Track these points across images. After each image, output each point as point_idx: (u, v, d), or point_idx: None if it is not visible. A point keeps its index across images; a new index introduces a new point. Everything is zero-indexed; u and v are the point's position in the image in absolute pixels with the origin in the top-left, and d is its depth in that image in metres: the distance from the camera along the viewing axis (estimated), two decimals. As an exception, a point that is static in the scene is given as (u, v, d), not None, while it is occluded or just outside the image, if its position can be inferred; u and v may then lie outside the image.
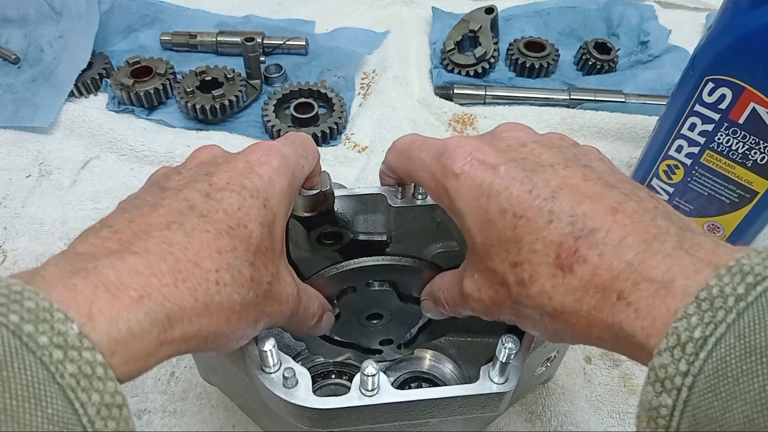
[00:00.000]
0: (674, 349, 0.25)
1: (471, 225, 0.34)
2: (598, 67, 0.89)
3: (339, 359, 0.55)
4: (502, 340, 0.37)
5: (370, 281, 0.46)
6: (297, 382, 0.37)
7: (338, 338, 0.51)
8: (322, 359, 0.55)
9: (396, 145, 0.42)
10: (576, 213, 0.31)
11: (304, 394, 0.37)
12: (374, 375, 0.36)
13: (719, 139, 0.59)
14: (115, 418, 0.24)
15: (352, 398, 0.37)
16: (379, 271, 0.45)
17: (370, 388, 0.37)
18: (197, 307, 0.29)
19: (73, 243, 0.30)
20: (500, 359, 0.37)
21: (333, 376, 0.54)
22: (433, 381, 0.54)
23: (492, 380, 0.38)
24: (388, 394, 0.37)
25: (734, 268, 0.25)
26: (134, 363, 0.27)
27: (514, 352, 0.37)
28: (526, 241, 0.31)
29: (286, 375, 0.37)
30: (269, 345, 0.36)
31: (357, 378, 0.37)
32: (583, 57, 0.90)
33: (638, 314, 0.28)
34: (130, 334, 0.26)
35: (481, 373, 0.38)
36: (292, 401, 0.36)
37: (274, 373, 0.37)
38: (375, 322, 0.49)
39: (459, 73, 0.88)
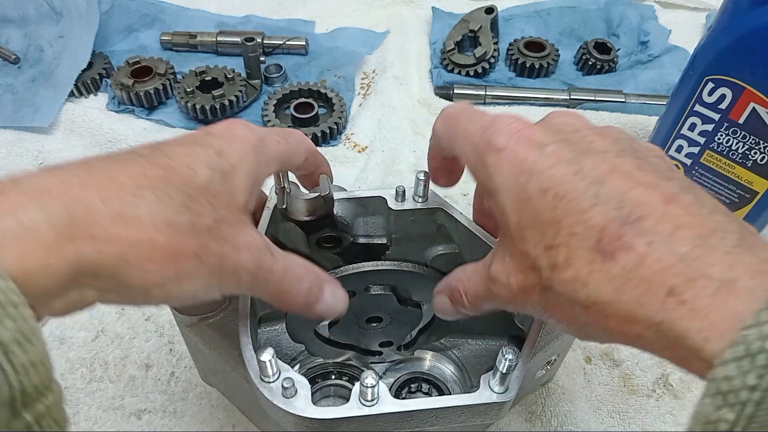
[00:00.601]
0: (742, 360, 0.22)
1: (507, 203, 0.32)
2: (598, 67, 0.89)
3: (339, 359, 0.55)
4: (502, 351, 0.37)
5: (369, 285, 0.46)
6: (296, 391, 0.37)
7: (338, 340, 0.51)
8: (322, 360, 0.55)
9: (445, 112, 0.39)
10: (624, 198, 0.28)
11: (303, 404, 0.37)
12: (374, 386, 0.36)
13: (719, 139, 0.59)
14: (11, 317, 0.22)
15: (352, 408, 0.37)
16: (378, 276, 0.45)
17: (369, 398, 0.37)
18: (108, 212, 0.26)
19: None
20: (501, 370, 0.37)
21: (333, 377, 0.54)
22: (433, 382, 0.54)
23: (492, 389, 0.38)
24: (388, 404, 0.37)
25: None
26: (30, 259, 0.24)
27: (514, 363, 0.37)
28: (565, 223, 0.29)
29: (285, 385, 0.37)
30: (268, 355, 0.36)
31: (356, 388, 0.37)
32: (583, 57, 0.90)
33: (694, 314, 0.24)
34: (19, 226, 0.23)
35: (481, 382, 0.38)
36: (291, 411, 0.36)
37: (273, 382, 0.37)
38: (374, 324, 0.50)
39: (459, 73, 0.88)
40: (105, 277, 0.27)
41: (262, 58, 0.87)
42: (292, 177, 0.44)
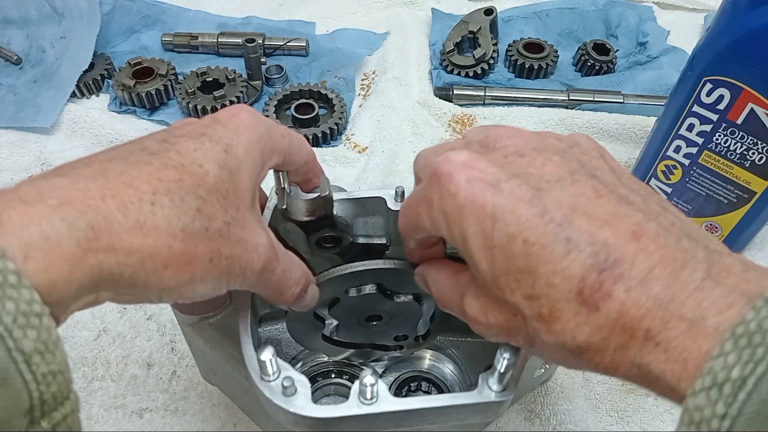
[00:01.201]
0: (710, 390, 0.23)
1: (474, 251, 0.31)
2: (597, 68, 0.90)
3: (338, 358, 0.55)
4: (500, 351, 0.37)
5: (348, 289, 0.46)
6: (296, 390, 0.37)
7: (351, 341, 0.51)
8: (322, 360, 0.55)
9: (401, 209, 0.39)
10: (596, 241, 0.28)
11: (303, 403, 0.37)
12: (373, 384, 0.37)
13: (717, 139, 0.59)
14: (35, 327, 0.23)
15: (351, 407, 0.37)
16: (355, 278, 0.45)
17: (368, 397, 0.37)
18: (127, 223, 0.27)
19: None
20: (499, 369, 0.37)
21: (333, 376, 0.54)
22: (432, 381, 0.54)
23: (491, 389, 0.38)
24: (387, 402, 0.37)
25: None
26: (54, 271, 0.24)
27: (512, 362, 0.37)
28: (541, 272, 0.29)
29: (285, 384, 0.37)
30: (268, 354, 0.37)
31: (356, 386, 0.38)
32: (582, 58, 0.91)
33: (668, 356, 0.26)
34: (43, 238, 0.24)
35: (479, 381, 0.38)
36: (291, 410, 0.37)
37: (273, 381, 0.38)
38: (375, 323, 0.50)
39: (458, 74, 0.88)
40: (123, 283, 0.28)
41: (263, 59, 0.87)
42: (292, 177, 0.44)
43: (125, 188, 0.28)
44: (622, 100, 0.83)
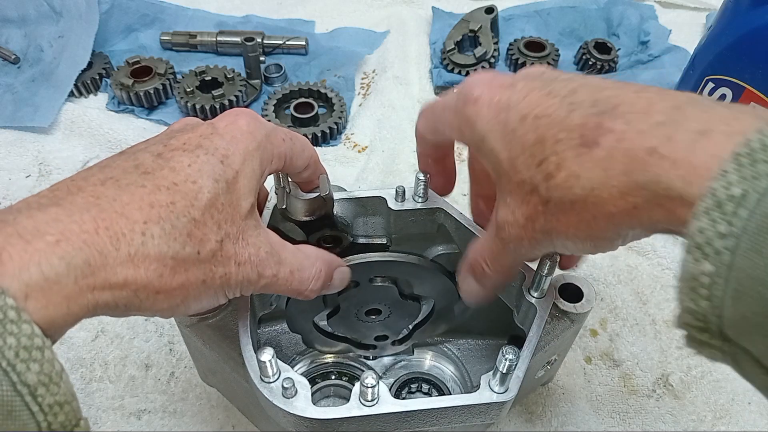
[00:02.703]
0: (712, 211, 0.23)
1: (494, 143, 0.34)
2: (599, 66, 0.89)
3: (338, 360, 0.55)
4: (503, 351, 0.37)
5: (374, 277, 0.46)
6: (296, 392, 0.37)
7: (335, 332, 0.51)
8: (322, 361, 0.55)
9: (421, 110, 0.42)
10: (598, 98, 0.30)
11: (303, 404, 0.37)
12: (374, 386, 0.36)
13: (719, 139, 0.59)
14: (37, 360, 0.24)
15: (352, 408, 0.37)
16: (382, 267, 0.45)
17: (369, 398, 0.37)
18: (119, 256, 0.28)
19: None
20: (501, 370, 0.37)
21: (333, 377, 0.54)
22: (433, 382, 0.54)
23: (492, 390, 0.38)
24: (388, 404, 0.37)
25: None
26: (54, 308, 0.26)
27: (515, 363, 0.37)
28: (549, 135, 0.30)
29: (285, 385, 0.37)
30: (268, 355, 0.36)
31: (356, 388, 0.37)
32: (584, 57, 0.90)
33: (675, 164, 0.25)
34: (43, 278, 0.25)
35: (481, 382, 0.38)
36: (291, 411, 0.36)
37: (273, 382, 0.37)
38: (373, 317, 0.50)
39: (459, 72, 0.88)
40: (118, 310, 0.30)
41: (261, 58, 0.87)
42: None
43: (117, 218, 0.29)
44: (623, 100, 0.83)
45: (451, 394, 0.53)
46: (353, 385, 0.38)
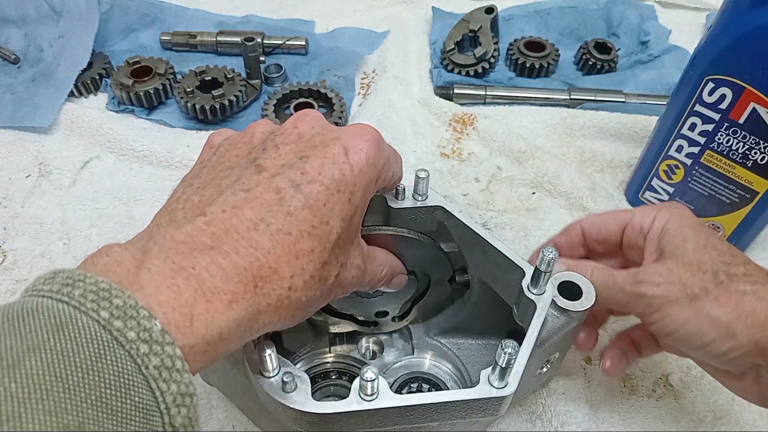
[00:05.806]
0: None
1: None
2: (599, 66, 0.89)
3: (338, 360, 0.55)
4: (502, 345, 0.36)
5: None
6: (296, 386, 0.37)
7: (337, 309, 0.51)
8: (322, 360, 0.55)
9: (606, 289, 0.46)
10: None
11: (303, 399, 0.37)
12: (374, 380, 0.36)
13: (719, 139, 0.59)
14: (186, 406, 0.27)
15: (352, 403, 0.37)
16: (377, 241, 0.45)
17: (369, 392, 0.37)
18: (269, 309, 0.32)
19: (166, 221, 0.32)
20: (500, 364, 0.37)
21: (333, 377, 0.54)
22: (432, 382, 0.54)
23: (492, 384, 0.38)
24: (388, 398, 0.37)
25: None
26: (211, 359, 0.30)
27: (514, 357, 0.37)
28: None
29: (285, 379, 0.37)
30: (269, 350, 0.36)
31: (356, 382, 0.37)
32: (584, 57, 0.90)
33: None
34: (220, 338, 0.29)
35: (481, 377, 0.38)
36: (291, 406, 0.36)
37: (273, 377, 0.37)
38: (373, 293, 0.50)
39: (459, 72, 0.88)
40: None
41: (261, 58, 0.87)
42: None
43: (271, 275, 0.32)
44: (623, 100, 0.83)
45: (451, 393, 0.53)
46: (353, 383, 0.38)
